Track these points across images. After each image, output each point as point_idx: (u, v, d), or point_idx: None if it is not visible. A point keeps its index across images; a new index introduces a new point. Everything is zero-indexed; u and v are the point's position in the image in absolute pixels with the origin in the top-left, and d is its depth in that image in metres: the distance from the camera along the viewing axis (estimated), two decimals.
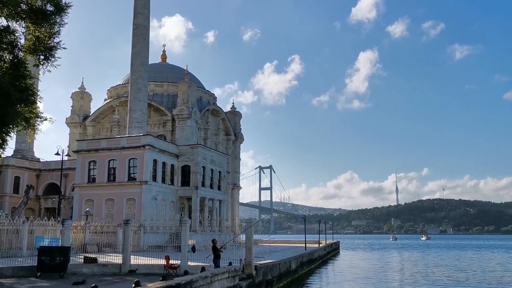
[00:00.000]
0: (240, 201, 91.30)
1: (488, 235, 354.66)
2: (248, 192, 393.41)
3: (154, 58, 78.80)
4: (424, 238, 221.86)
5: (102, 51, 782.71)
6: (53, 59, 21.35)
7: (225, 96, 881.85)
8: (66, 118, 72.46)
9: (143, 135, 53.03)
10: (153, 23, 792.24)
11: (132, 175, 50.98)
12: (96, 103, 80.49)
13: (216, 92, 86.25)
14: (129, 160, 51.12)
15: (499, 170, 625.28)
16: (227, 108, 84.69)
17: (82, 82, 75.60)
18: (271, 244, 72.05)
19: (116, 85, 74.23)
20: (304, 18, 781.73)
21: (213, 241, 27.34)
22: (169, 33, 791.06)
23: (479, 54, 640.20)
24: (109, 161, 51.91)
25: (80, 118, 71.35)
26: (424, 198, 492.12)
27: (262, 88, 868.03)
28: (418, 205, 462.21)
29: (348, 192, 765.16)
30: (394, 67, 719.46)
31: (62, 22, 21.08)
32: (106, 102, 73.04)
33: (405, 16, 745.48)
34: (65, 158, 50.78)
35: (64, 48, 21.45)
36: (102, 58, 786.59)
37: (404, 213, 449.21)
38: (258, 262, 28.93)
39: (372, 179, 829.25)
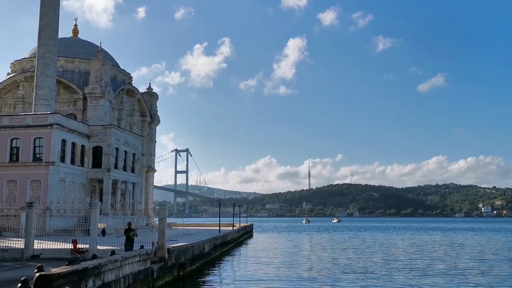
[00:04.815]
0: (155, 184, 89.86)
1: (390, 217, 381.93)
2: (164, 175, 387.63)
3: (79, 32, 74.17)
4: (335, 220, 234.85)
5: (18, 19, 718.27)
6: None
7: (151, 76, 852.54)
8: None
9: (50, 113, 50.01)
10: None
11: (37, 155, 47.99)
12: None
13: (143, 71, 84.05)
14: (35, 139, 48.01)
15: (405, 158, 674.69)
16: (153, 88, 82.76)
17: None
18: (186, 227, 71.79)
19: (21, 59, 69.03)
20: (237, 1, 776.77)
21: (129, 223, 26.78)
22: (95, 4, 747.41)
23: (400, 47, 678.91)
24: (12, 139, 48.36)
25: None
26: (335, 183, 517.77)
27: (189, 69, 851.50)
28: (329, 189, 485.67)
29: (266, 176, 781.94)
30: (321, 55, 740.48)
31: None
32: (9, 76, 67.70)
33: (337, 5, 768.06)
34: None
35: None
36: (18, 28, 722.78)
37: (315, 197, 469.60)
38: (171, 245, 28.79)
39: (289, 163, 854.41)
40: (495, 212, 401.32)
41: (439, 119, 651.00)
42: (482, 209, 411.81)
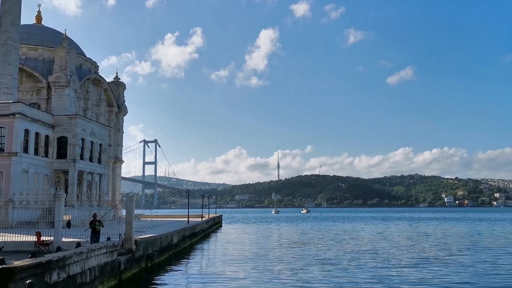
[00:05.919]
0: (123, 175, 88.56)
1: (357, 208, 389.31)
2: (133, 167, 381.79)
3: (45, 20, 71.58)
4: (304, 211, 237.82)
5: None
6: None
7: (121, 65, 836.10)
8: None
9: (13, 102, 48.38)
10: None
11: None
12: None
13: (112, 60, 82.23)
14: None
15: (372, 149, 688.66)
16: (122, 78, 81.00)
17: None
18: (154, 219, 71.30)
19: None
20: None
21: (94, 215, 26.28)
22: None
23: (370, 40, 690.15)
24: None
25: None
26: (304, 174, 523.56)
27: (160, 59, 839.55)
28: (297, 180, 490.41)
29: (236, 167, 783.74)
30: (293, 47, 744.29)
31: None
32: None
33: None
34: None
35: None
36: None
37: (284, 188, 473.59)
38: (138, 237, 28.49)
39: (259, 155, 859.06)
40: (457, 202, 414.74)
41: (407, 111, 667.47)
42: (445, 199, 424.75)
